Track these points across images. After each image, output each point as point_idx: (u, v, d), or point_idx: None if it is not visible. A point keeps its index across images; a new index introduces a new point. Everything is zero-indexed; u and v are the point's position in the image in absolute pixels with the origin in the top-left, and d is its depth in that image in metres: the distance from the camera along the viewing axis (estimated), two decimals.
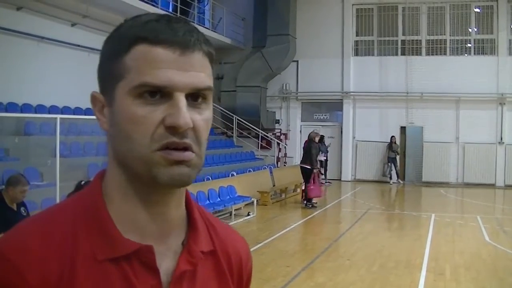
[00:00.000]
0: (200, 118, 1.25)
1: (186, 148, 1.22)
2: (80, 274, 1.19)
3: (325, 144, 25.91)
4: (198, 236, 1.37)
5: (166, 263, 1.29)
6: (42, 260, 1.18)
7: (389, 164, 26.76)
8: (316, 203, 19.06)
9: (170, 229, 1.34)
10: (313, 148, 18.82)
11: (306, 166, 18.75)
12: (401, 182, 26.69)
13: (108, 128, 1.29)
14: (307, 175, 18.62)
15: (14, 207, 7.18)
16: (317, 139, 19.16)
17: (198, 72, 1.24)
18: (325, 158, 25.92)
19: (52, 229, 1.23)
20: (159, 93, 1.21)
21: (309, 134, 19.86)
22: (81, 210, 1.28)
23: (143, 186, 1.27)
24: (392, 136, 26.55)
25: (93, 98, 1.32)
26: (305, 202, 18.63)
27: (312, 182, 18.53)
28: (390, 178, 26.75)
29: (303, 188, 19.21)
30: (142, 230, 1.29)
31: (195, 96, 1.24)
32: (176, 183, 1.24)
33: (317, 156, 18.88)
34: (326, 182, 25.66)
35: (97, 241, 1.24)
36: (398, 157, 26.73)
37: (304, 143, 21.25)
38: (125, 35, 1.25)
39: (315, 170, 18.62)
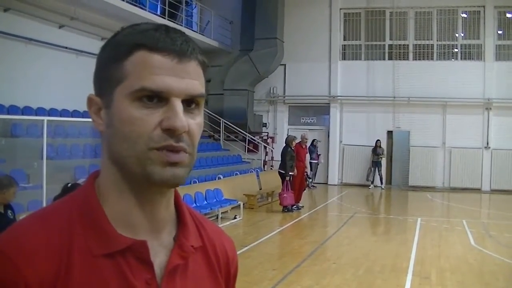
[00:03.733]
0: (194, 123, 1.32)
1: (180, 150, 1.28)
2: (76, 270, 1.24)
3: (317, 148, 26.01)
4: (187, 231, 1.43)
5: (159, 258, 1.35)
6: (40, 257, 1.22)
7: (372, 168, 26.78)
8: (302, 206, 19.09)
9: (162, 226, 1.39)
10: (287, 153, 18.46)
11: (281, 171, 18.72)
12: (383, 187, 26.72)
13: (104, 129, 1.34)
14: (282, 181, 18.58)
15: (1, 209, 7.16)
16: (294, 144, 18.94)
17: (193, 79, 1.31)
18: (315, 161, 25.97)
19: (48, 226, 1.28)
20: (156, 98, 1.27)
21: (286, 138, 19.76)
22: (77, 208, 1.33)
23: (136, 185, 1.32)
24: (377, 140, 26.60)
25: (90, 100, 1.37)
26: (285, 209, 18.41)
27: (284, 189, 18.36)
28: (372, 182, 26.75)
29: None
30: (136, 227, 1.34)
31: (189, 102, 1.31)
32: (169, 183, 1.30)
33: (292, 162, 18.45)
34: (311, 186, 25.59)
35: (92, 237, 1.29)
36: (382, 161, 26.73)
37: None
38: (125, 42, 1.31)
39: (287, 177, 18.28)
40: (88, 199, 1.34)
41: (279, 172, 18.96)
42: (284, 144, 19.17)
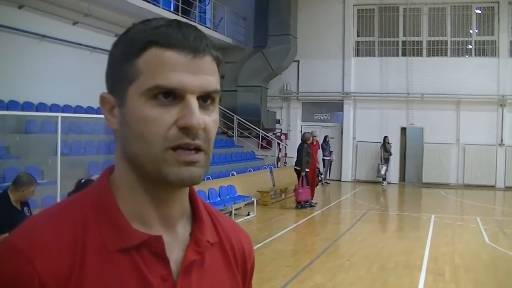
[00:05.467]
0: (210, 119, 1.30)
1: (196, 148, 1.27)
2: (90, 265, 1.24)
3: (329, 145, 25.96)
4: (203, 227, 1.42)
5: (175, 254, 1.34)
6: (54, 252, 1.22)
7: (383, 164, 26.63)
8: (316, 203, 19.04)
9: (176, 222, 1.39)
10: (303, 149, 18.44)
11: (297, 168, 18.71)
12: (387, 183, 26.58)
13: (118, 128, 1.33)
14: (298, 177, 18.57)
15: (19, 206, 7.26)
16: (310, 140, 18.87)
17: (208, 75, 1.29)
18: (328, 158, 25.92)
19: (63, 221, 1.27)
20: (171, 95, 1.25)
21: (302, 135, 19.74)
22: (91, 202, 1.32)
23: (151, 184, 1.31)
24: (386, 137, 26.48)
25: (102, 99, 1.36)
26: (298, 205, 18.44)
27: (300, 185, 18.39)
28: (384, 179, 26.72)
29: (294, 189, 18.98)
30: (150, 223, 1.34)
31: (204, 98, 1.29)
32: (186, 183, 1.30)
33: (308, 158, 18.44)
34: (324, 183, 25.56)
35: (107, 232, 1.28)
36: (391, 158, 26.66)
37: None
38: (137, 39, 1.29)
39: (303, 173, 18.28)
40: (103, 194, 1.34)
41: (295, 168, 18.96)
42: (301, 141, 19.14)
